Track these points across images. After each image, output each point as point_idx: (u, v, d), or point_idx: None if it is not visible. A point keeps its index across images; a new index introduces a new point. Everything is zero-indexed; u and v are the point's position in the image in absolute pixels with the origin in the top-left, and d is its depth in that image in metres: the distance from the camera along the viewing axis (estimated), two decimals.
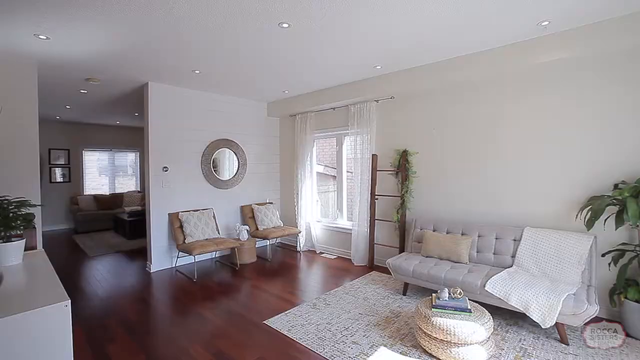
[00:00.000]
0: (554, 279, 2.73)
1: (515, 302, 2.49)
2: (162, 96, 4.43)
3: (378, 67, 3.79)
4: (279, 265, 4.69)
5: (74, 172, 7.46)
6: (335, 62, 3.58)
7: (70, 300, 1.67)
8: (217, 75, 3.97)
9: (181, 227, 4.43)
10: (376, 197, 4.45)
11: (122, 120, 7.10)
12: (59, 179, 7.25)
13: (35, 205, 2.46)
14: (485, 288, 2.66)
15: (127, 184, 8.44)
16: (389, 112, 4.39)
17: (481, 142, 3.58)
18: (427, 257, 3.46)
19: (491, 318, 2.27)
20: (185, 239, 4.36)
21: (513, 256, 3.08)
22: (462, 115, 3.72)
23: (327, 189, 6.03)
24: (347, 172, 5.23)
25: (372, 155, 4.46)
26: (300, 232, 5.36)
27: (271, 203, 5.68)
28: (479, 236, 3.34)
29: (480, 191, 3.60)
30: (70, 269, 4.63)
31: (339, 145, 5.17)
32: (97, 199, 7.31)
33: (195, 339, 2.66)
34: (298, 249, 5.42)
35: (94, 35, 2.81)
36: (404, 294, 3.44)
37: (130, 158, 8.48)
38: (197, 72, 3.83)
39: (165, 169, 4.49)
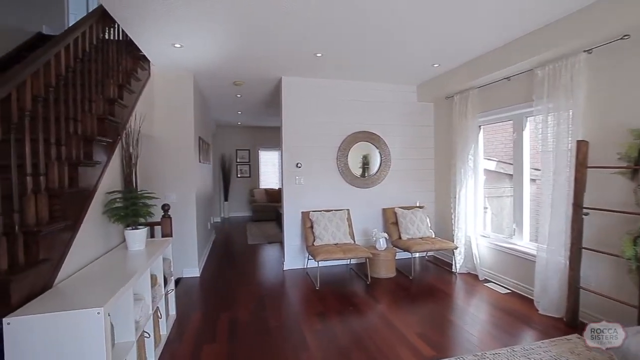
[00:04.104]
0: None
1: None
2: (295, 89, 4.27)
3: None
4: (421, 288, 3.66)
5: (253, 169, 8.84)
6: None
7: (103, 308, 1.49)
8: (343, 54, 3.37)
9: (312, 227, 4.14)
10: (584, 210, 2.68)
11: None
12: (242, 174, 8.75)
13: (153, 197, 2.61)
14: None
15: None
16: (615, 67, 2.53)
17: None
18: None
19: None
20: (314, 240, 4.04)
21: None
22: None
23: (501, 194, 4.39)
24: (532, 169, 3.54)
25: (578, 142, 2.71)
26: (456, 247, 4.08)
27: (421, 207, 4.63)
28: None
29: None
30: (225, 253, 5.24)
31: (518, 131, 3.55)
32: (268, 192, 8.34)
33: None
34: (453, 269, 4.15)
35: (217, 36, 2.85)
36: None
37: None
38: (319, 55, 3.36)
39: (298, 165, 4.33)
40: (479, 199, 4.02)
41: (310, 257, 4.20)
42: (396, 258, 4.20)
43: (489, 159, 4.36)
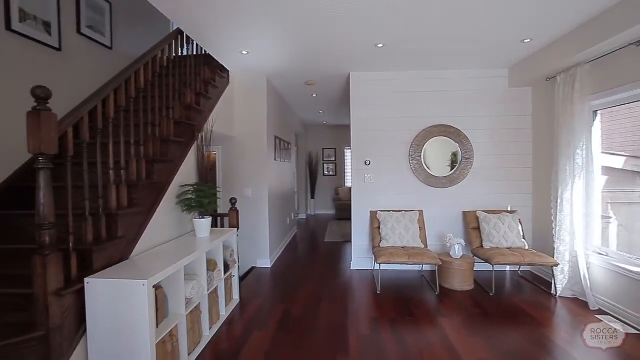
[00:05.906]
0: None
1: None
2: (363, 84, 4.16)
3: None
4: (502, 309, 3.07)
5: (338, 167, 8.97)
6: None
7: (147, 281, 1.75)
8: (411, 41, 3.10)
9: (379, 227, 3.96)
10: None
11: None
12: (328, 172, 8.97)
13: (217, 192, 2.92)
14: None
15: None
16: None
17: None
18: None
19: None
20: (380, 242, 3.85)
21: None
22: None
23: (631, 199, 3.32)
24: None
25: None
26: (557, 264, 3.29)
27: (512, 212, 3.91)
28: None
29: None
30: (300, 249, 5.45)
31: None
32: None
33: None
34: (552, 290, 3.37)
35: (276, 39, 3.02)
36: None
37: None
38: (381, 45, 3.16)
39: (367, 162, 4.19)
40: (594, 206, 3.14)
41: None
42: (478, 269, 3.67)
43: (612, 154, 3.34)
